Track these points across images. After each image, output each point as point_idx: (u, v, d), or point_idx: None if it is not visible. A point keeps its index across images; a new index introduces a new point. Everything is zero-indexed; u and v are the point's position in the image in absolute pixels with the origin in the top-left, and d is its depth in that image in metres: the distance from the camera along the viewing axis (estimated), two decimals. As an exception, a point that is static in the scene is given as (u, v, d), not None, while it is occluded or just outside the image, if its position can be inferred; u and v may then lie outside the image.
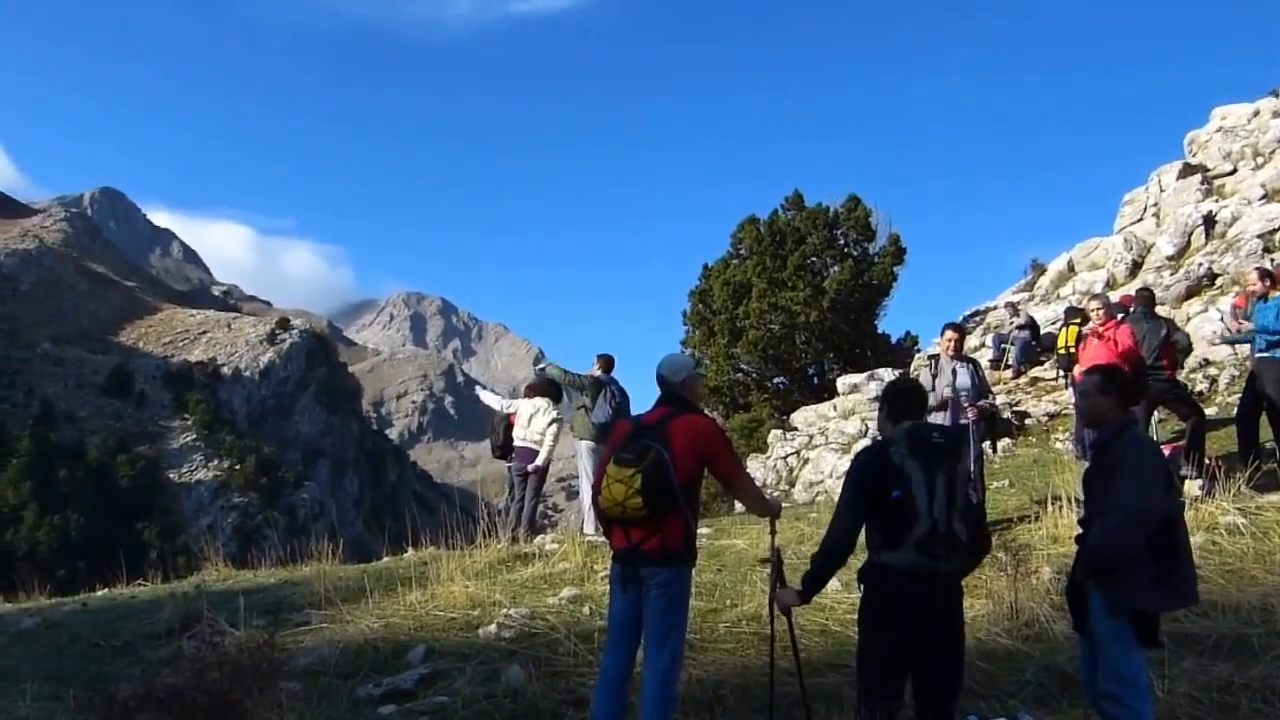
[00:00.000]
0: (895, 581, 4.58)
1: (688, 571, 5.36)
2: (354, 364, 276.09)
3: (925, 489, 4.52)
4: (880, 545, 4.66)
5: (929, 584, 4.56)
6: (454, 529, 10.19)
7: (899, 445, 4.66)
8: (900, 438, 4.71)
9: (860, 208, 30.19)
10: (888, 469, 4.61)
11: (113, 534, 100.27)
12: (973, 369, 9.68)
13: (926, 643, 4.60)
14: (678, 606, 5.29)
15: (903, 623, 4.58)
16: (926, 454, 4.60)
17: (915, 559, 4.52)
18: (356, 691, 6.48)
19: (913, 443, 4.66)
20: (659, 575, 5.20)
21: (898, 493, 4.54)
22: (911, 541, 4.51)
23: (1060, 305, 20.85)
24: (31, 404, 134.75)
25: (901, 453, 4.62)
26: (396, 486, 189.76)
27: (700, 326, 30.56)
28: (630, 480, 5.08)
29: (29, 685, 6.51)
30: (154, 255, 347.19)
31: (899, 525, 4.55)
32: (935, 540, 4.49)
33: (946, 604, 4.66)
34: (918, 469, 4.55)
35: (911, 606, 4.56)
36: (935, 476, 4.54)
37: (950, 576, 4.65)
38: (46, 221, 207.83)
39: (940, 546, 4.50)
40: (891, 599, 4.61)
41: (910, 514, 4.51)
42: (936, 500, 4.51)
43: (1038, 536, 8.70)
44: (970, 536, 4.58)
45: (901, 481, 4.55)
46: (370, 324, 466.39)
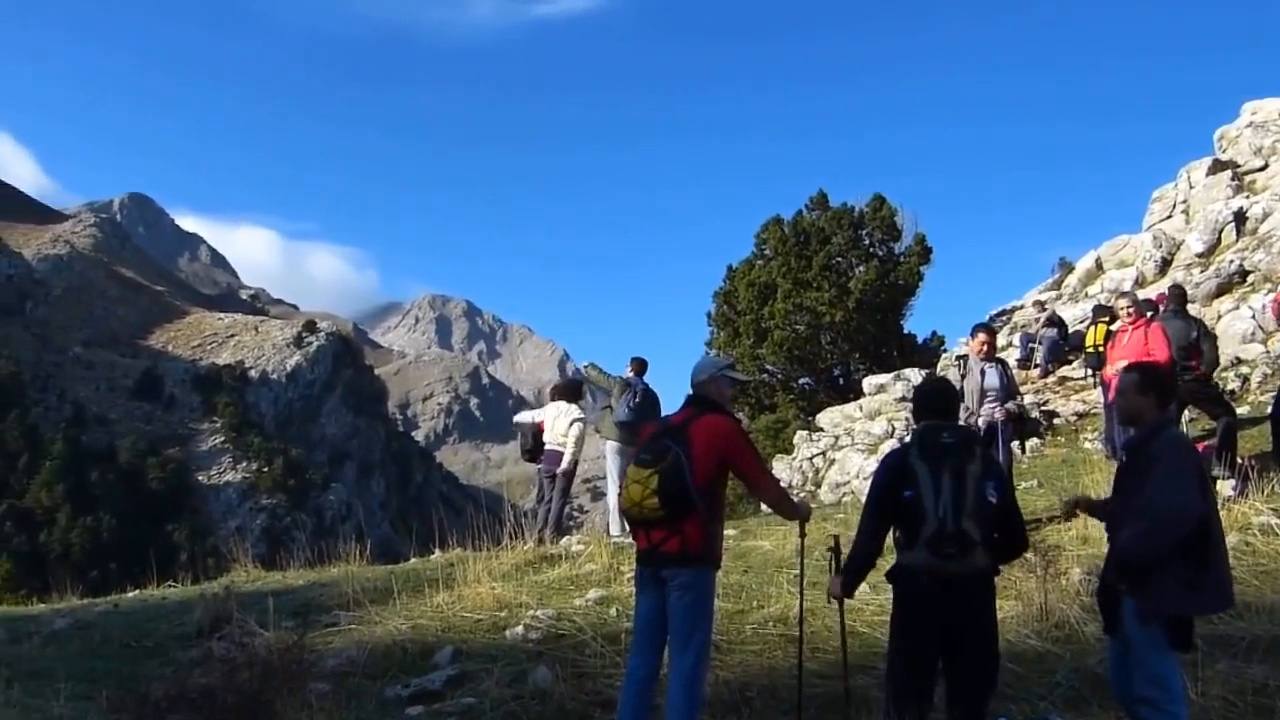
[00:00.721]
0: (914, 581, 4.62)
1: (710, 573, 5.30)
2: (380, 366, 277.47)
3: (932, 488, 4.56)
4: (902, 546, 4.71)
5: (950, 584, 4.56)
6: (480, 530, 10.22)
7: (912, 446, 4.72)
8: (913, 438, 4.77)
9: (885, 207, 30.07)
10: (903, 470, 4.66)
11: (143, 535, 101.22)
12: (1001, 370, 9.62)
13: (954, 644, 4.59)
14: (700, 608, 5.25)
15: (926, 622, 4.59)
16: (934, 453, 4.63)
17: (928, 559, 4.55)
18: (385, 692, 6.50)
19: (922, 443, 4.72)
20: (680, 576, 5.18)
21: (909, 493, 4.60)
22: (922, 541, 4.55)
23: (1088, 304, 20.69)
24: (64, 407, 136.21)
25: (913, 453, 4.67)
26: (423, 488, 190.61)
27: (725, 327, 30.52)
28: (647, 481, 5.08)
29: (63, 685, 6.57)
30: (182, 260, 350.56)
31: (912, 525, 4.61)
32: (944, 539, 4.51)
33: (972, 604, 4.63)
34: (925, 468, 4.59)
35: (933, 606, 4.57)
36: (942, 475, 4.56)
37: (973, 576, 4.63)
38: (77, 227, 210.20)
39: (950, 545, 4.51)
40: (912, 599, 4.65)
41: (920, 514, 4.56)
42: (943, 499, 4.53)
43: (1067, 537, 8.62)
44: (985, 535, 4.57)
45: (912, 482, 4.60)
46: (396, 326, 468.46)
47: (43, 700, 6.43)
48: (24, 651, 8.42)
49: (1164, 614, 4.52)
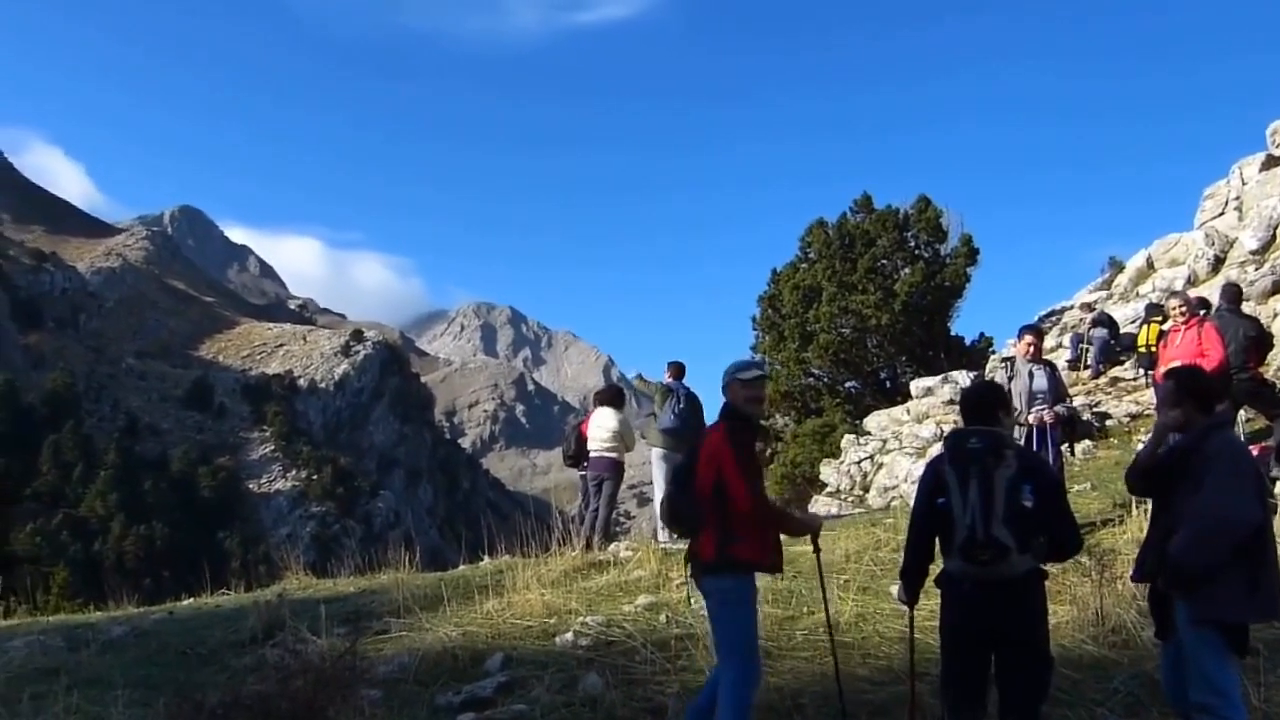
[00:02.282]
0: (956, 587, 4.62)
1: (733, 581, 5.23)
2: (426, 374, 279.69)
3: (960, 494, 4.53)
4: (943, 553, 4.72)
5: (992, 589, 4.52)
6: (529, 537, 10.25)
7: (945, 453, 4.72)
8: (946, 445, 4.77)
9: (931, 208, 29.81)
10: (937, 477, 4.67)
11: (196, 543, 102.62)
12: (1050, 372, 9.50)
13: (1003, 649, 4.55)
14: (723, 615, 5.27)
15: (970, 628, 4.57)
16: (961, 460, 4.61)
17: (963, 565, 4.55)
18: (436, 699, 6.54)
19: (950, 449, 4.71)
20: (706, 584, 5.30)
21: (941, 500, 4.60)
22: (955, 548, 4.55)
23: (1139, 303, 20.37)
24: (117, 417, 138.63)
25: (944, 460, 4.67)
26: (470, 495, 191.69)
27: (770, 331, 30.39)
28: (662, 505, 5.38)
29: (121, 692, 6.68)
30: (231, 270, 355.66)
31: (946, 532, 4.61)
32: (975, 545, 4.48)
33: (1016, 609, 4.57)
34: (953, 475, 4.58)
35: (976, 612, 4.54)
36: (969, 482, 4.53)
37: (1015, 581, 4.56)
38: (129, 240, 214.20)
39: (981, 551, 4.48)
40: (955, 605, 4.64)
41: (951, 521, 4.55)
42: (970, 505, 4.49)
43: (1122, 540, 8.49)
44: (1020, 540, 4.49)
45: (944, 489, 4.60)
46: (441, 334, 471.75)
47: (102, 707, 6.54)
48: (83, 659, 8.56)
49: (1218, 619, 4.44)
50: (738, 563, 5.20)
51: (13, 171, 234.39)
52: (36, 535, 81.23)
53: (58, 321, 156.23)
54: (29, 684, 7.30)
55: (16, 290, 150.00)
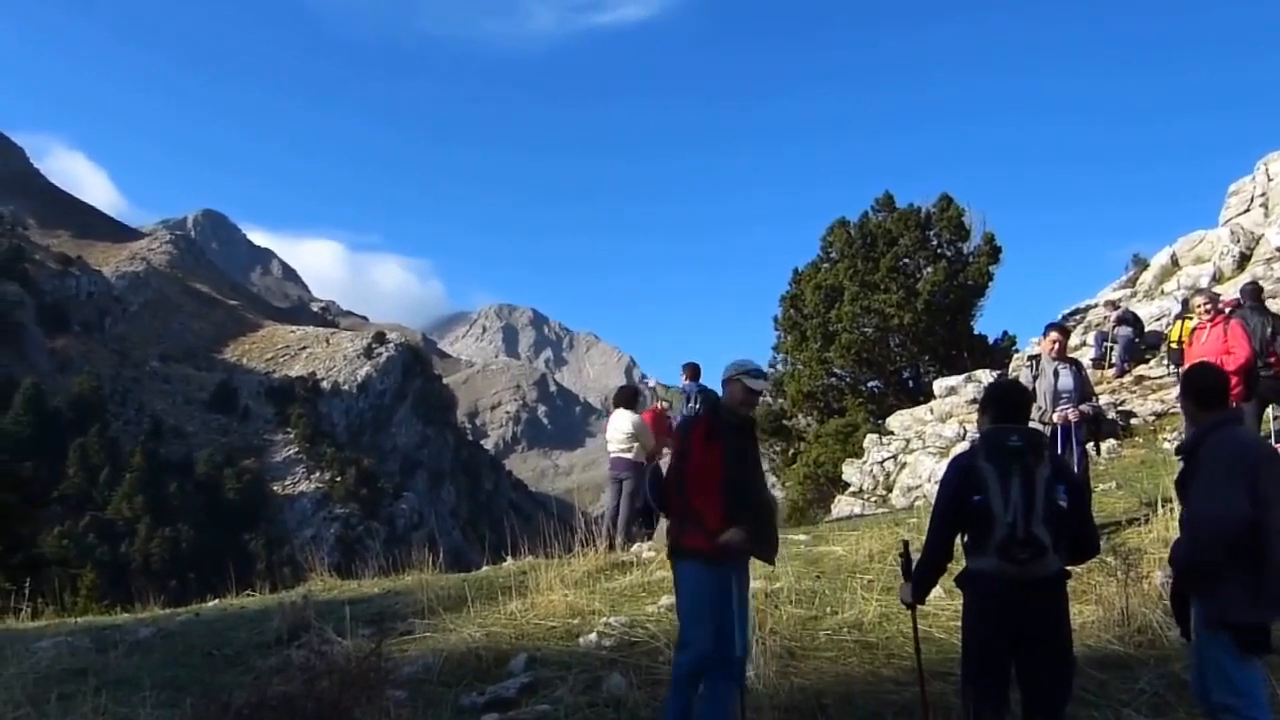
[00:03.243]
0: (985, 587, 4.57)
1: (685, 565, 5.63)
2: (448, 376, 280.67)
3: (1000, 492, 4.48)
4: (970, 551, 4.66)
5: (1021, 589, 4.49)
6: (551, 537, 10.28)
7: (980, 450, 4.65)
8: (980, 442, 4.70)
9: (953, 207, 29.69)
10: (971, 474, 4.60)
11: (221, 545, 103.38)
12: (1075, 370, 9.44)
13: (1028, 649, 4.52)
14: (680, 603, 5.70)
15: (997, 628, 4.53)
16: (1002, 457, 4.56)
17: (999, 564, 4.49)
18: (460, 700, 6.55)
19: (989, 446, 4.64)
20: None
21: (978, 498, 4.53)
22: (993, 546, 4.49)
23: (1164, 301, 20.22)
24: (142, 420, 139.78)
25: (980, 457, 4.60)
26: (492, 496, 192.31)
27: (792, 331, 30.35)
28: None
29: (148, 693, 6.73)
30: (254, 274, 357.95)
31: (981, 530, 4.55)
32: (1014, 544, 4.44)
33: (1044, 609, 4.56)
34: (993, 472, 4.52)
35: (1004, 612, 4.51)
36: (1010, 479, 4.49)
37: (1047, 581, 4.56)
38: (153, 244, 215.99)
39: (1021, 550, 4.45)
40: (984, 604, 4.59)
41: (989, 519, 4.50)
42: (1012, 503, 4.45)
43: (1148, 540, 8.42)
44: (1056, 540, 4.50)
45: (980, 486, 4.53)
46: (463, 336, 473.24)
47: (129, 709, 6.58)
48: (110, 660, 8.62)
49: (1225, 620, 4.39)
50: (686, 549, 5.60)
51: (38, 177, 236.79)
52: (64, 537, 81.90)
53: (83, 325, 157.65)
54: (57, 684, 7.36)
55: (43, 295, 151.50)
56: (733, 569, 5.51)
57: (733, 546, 5.42)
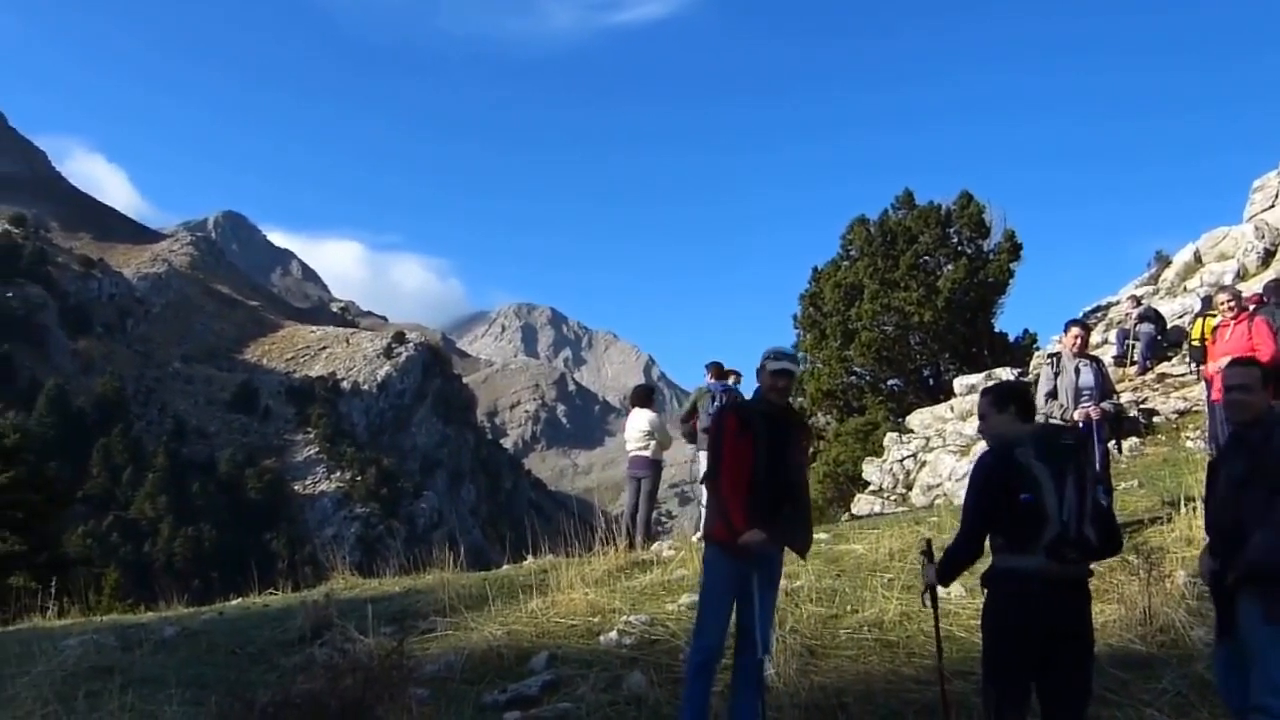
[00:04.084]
0: (1024, 586, 4.47)
1: (708, 554, 5.82)
2: (468, 375, 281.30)
3: (1055, 491, 4.41)
4: (1007, 549, 4.54)
5: (1060, 589, 4.45)
6: (572, 536, 10.30)
7: (1026, 447, 4.53)
8: (1027, 439, 4.58)
9: (973, 204, 29.56)
10: (1014, 471, 4.49)
11: (243, 544, 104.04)
12: (1096, 367, 9.40)
13: (1057, 649, 4.47)
14: (700, 593, 5.91)
15: (1033, 628, 4.45)
16: (1056, 456, 4.48)
17: (1046, 563, 4.41)
18: (482, 698, 6.58)
19: (1041, 444, 4.54)
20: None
21: (1027, 496, 4.42)
22: (1042, 545, 4.40)
23: (1187, 298, 20.08)
24: (165, 421, 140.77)
25: (1028, 454, 4.49)
26: (512, 495, 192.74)
27: (812, 330, 30.29)
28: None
29: (173, 691, 6.79)
30: (274, 274, 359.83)
31: (1028, 529, 4.44)
32: (1066, 544, 4.39)
33: (1078, 609, 4.53)
34: (1046, 471, 4.43)
35: (1042, 612, 4.44)
36: (1065, 478, 4.43)
37: (1079, 581, 4.53)
38: (174, 246, 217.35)
39: (1072, 550, 4.40)
40: (1020, 604, 4.49)
41: (1040, 517, 4.41)
42: (1067, 503, 4.40)
43: (1171, 539, 8.37)
44: (1100, 540, 4.47)
45: (1030, 484, 4.43)
46: (482, 335, 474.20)
47: (155, 706, 6.65)
48: (135, 658, 8.70)
49: None
50: (711, 535, 5.75)
51: (60, 180, 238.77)
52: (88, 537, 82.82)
53: (106, 327, 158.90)
54: (84, 682, 7.43)
55: (65, 297, 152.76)
56: (755, 566, 5.49)
57: (751, 548, 5.41)
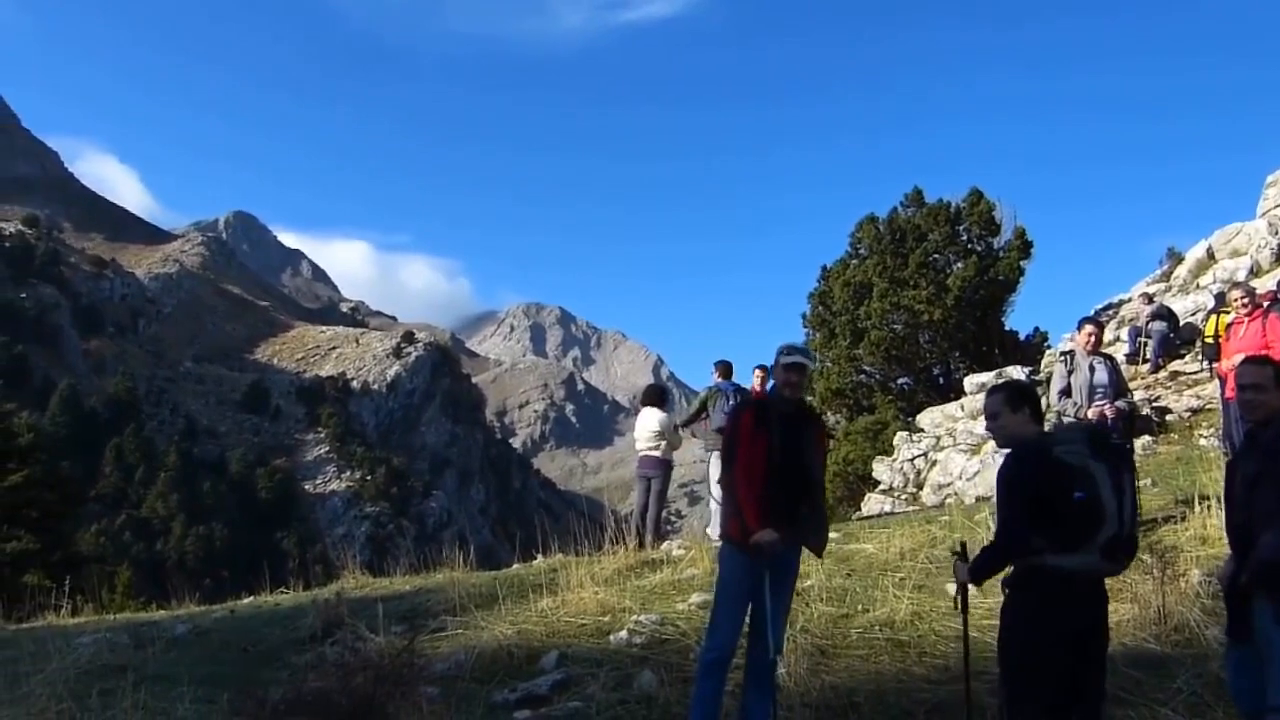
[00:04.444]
0: (1065, 586, 4.40)
1: (723, 552, 5.84)
2: (477, 375, 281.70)
3: (1114, 491, 4.37)
4: (1048, 549, 4.41)
5: (1096, 586, 4.46)
6: (581, 535, 10.29)
7: (1077, 445, 4.45)
8: (1079, 438, 4.53)
9: (983, 202, 29.46)
10: (1064, 470, 4.39)
11: (254, 543, 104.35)
12: (1110, 365, 9.36)
13: (1085, 649, 4.44)
14: (715, 591, 5.89)
15: (1071, 628, 4.40)
16: (1112, 455, 4.45)
17: (1096, 563, 4.37)
18: (493, 696, 6.59)
19: (1096, 444, 4.48)
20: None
21: (1080, 494, 4.34)
22: (1096, 545, 4.34)
23: (1199, 295, 19.99)
24: (177, 420, 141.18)
25: (1082, 453, 4.41)
26: (521, 494, 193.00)
27: (821, 329, 30.24)
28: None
29: (186, 688, 6.81)
30: (285, 275, 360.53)
31: (1082, 528, 4.36)
32: (1120, 543, 4.38)
33: (1104, 607, 4.54)
34: (1104, 470, 4.37)
35: (1081, 611, 4.41)
36: (1122, 478, 4.40)
37: (1104, 580, 4.53)
38: (185, 246, 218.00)
39: (1123, 550, 4.41)
40: (1060, 604, 4.41)
41: (1098, 517, 4.34)
42: (1125, 503, 4.38)
43: (1185, 538, 8.33)
44: (1137, 539, 4.50)
45: (1085, 483, 4.35)
46: (491, 335, 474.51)
47: (168, 703, 6.68)
48: (148, 656, 8.74)
49: None
50: (729, 533, 5.72)
51: (72, 180, 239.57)
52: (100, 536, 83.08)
53: (118, 327, 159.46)
54: (98, 680, 7.46)
55: (78, 297, 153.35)
56: (769, 565, 5.48)
57: (764, 548, 5.39)
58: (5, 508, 21.95)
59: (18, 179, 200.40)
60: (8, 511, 21.98)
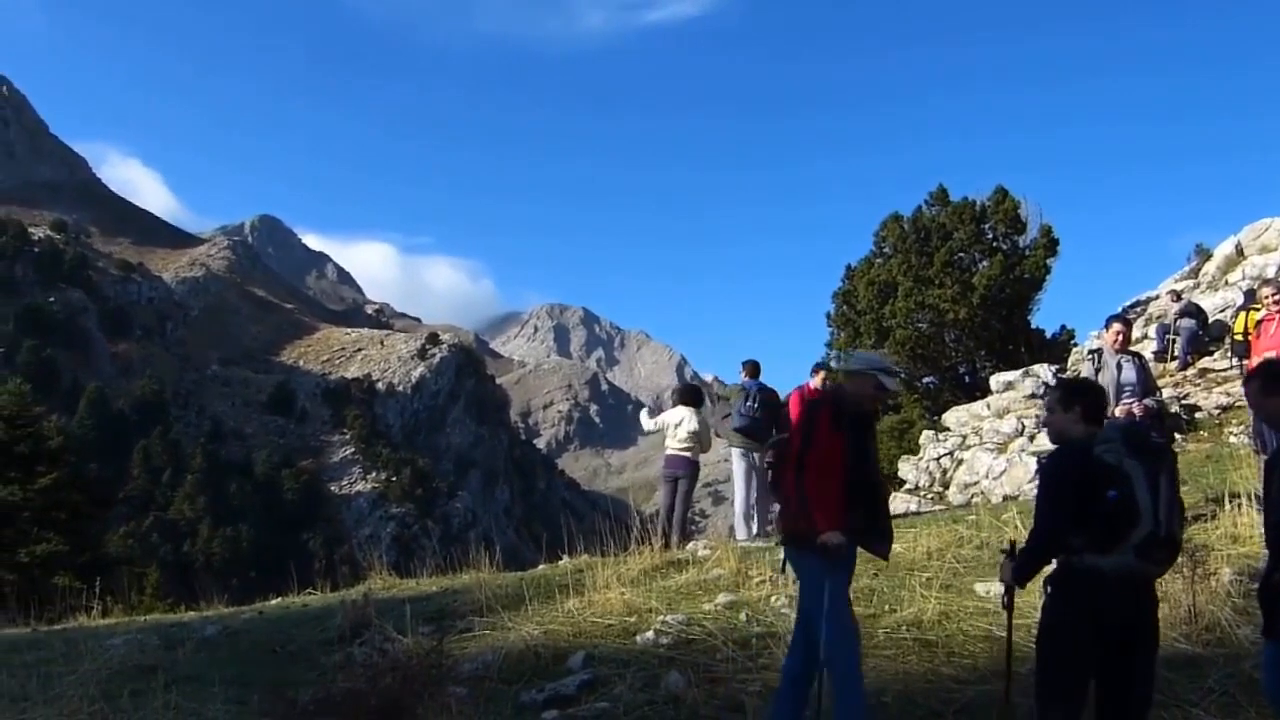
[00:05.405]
0: (1102, 586, 4.36)
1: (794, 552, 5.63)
2: (501, 376, 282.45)
3: (1149, 489, 4.32)
4: (1085, 548, 4.40)
5: (1137, 589, 4.39)
6: (607, 536, 10.29)
7: (1113, 444, 4.42)
8: (1115, 436, 4.49)
9: (1009, 200, 29.34)
10: (1101, 469, 4.37)
11: (280, 545, 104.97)
12: (1138, 363, 9.29)
13: (1128, 651, 4.40)
14: (800, 590, 5.62)
15: (1107, 629, 4.37)
16: (1149, 453, 4.41)
17: (1132, 563, 4.33)
18: (520, 697, 6.60)
19: (1132, 441, 4.45)
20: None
21: (1114, 493, 4.32)
22: (1131, 545, 4.31)
23: (1228, 292, 19.81)
24: (203, 422, 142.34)
25: (1118, 451, 4.38)
26: (545, 495, 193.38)
27: (845, 328, 30.19)
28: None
29: (216, 689, 6.87)
30: (310, 277, 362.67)
31: (1117, 527, 4.33)
32: (1156, 544, 4.32)
33: (1150, 610, 4.48)
34: (1139, 469, 4.34)
35: (1119, 613, 4.36)
36: (1159, 477, 4.35)
37: (1150, 581, 4.47)
38: (212, 250, 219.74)
39: (1161, 550, 4.35)
40: (1096, 604, 4.38)
41: (1132, 516, 4.31)
42: (1161, 502, 4.32)
43: (1215, 536, 8.27)
44: (1180, 540, 4.43)
45: (1120, 482, 4.33)
46: (515, 336, 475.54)
47: (199, 704, 6.72)
48: (178, 657, 8.80)
49: None
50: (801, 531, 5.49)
51: (99, 185, 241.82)
52: (129, 537, 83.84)
53: (145, 330, 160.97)
54: (129, 681, 7.52)
55: (106, 301, 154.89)
56: (834, 567, 5.43)
57: (830, 550, 5.33)
58: (36, 510, 22.19)
59: (46, 184, 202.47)
60: (38, 514, 22.21)
